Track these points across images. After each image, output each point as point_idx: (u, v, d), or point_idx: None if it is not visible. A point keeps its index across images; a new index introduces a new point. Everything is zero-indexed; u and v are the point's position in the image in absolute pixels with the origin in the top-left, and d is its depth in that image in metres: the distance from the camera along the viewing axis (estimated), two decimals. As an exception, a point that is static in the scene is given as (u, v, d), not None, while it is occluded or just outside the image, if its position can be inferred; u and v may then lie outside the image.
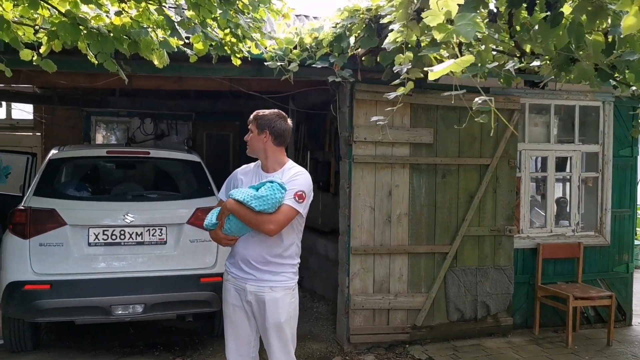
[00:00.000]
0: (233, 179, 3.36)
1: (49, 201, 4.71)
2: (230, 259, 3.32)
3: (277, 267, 3.17)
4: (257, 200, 2.99)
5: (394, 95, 3.54)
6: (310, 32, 4.62)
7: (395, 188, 5.36)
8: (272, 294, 3.13)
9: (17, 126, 9.45)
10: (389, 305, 5.34)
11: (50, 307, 4.52)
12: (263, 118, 3.20)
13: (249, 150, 3.27)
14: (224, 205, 3.10)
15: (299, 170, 3.24)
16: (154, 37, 3.69)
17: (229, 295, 3.29)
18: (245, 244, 3.17)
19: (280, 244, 3.16)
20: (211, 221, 3.20)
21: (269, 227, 3.01)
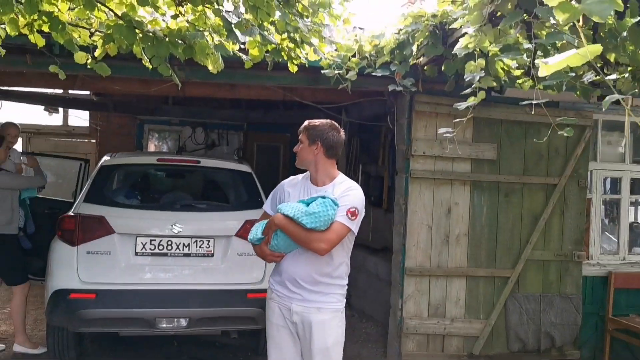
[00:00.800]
0: (279, 192, 3.17)
1: (99, 208, 4.62)
2: (275, 276, 3.11)
3: (326, 287, 2.97)
4: (308, 216, 2.79)
5: (464, 106, 3.27)
6: (371, 39, 4.40)
7: (454, 206, 5.05)
8: (320, 316, 2.94)
9: (73, 133, 9.59)
10: (444, 330, 5.01)
11: (94, 317, 4.40)
12: (315, 128, 3.00)
13: (299, 161, 3.07)
14: (272, 220, 2.92)
15: (351, 184, 3.04)
16: (210, 40, 3.54)
17: (273, 314, 3.08)
18: (293, 262, 2.98)
19: (330, 262, 2.97)
20: (256, 235, 3.01)
21: (319, 245, 2.82)
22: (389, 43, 4.20)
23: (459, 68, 4.09)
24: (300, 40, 3.61)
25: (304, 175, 3.17)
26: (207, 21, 3.68)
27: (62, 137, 9.58)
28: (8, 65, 4.34)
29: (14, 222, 5.14)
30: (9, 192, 5.11)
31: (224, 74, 4.08)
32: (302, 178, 3.16)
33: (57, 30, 3.44)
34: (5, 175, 5.09)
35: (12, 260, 5.15)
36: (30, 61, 4.20)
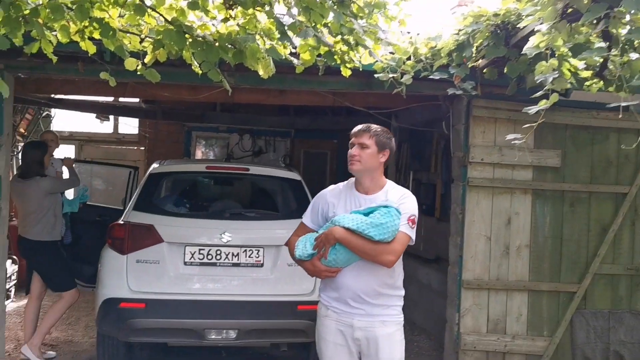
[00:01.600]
0: (321, 203, 2.99)
1: (148, 216, 4.57)
2: (329, 292, 2.92)
3: (388, 299, 2.86)
4: (375, 228, 2.65)
5: (535, 110, 3.04)
6: (427, 41, 4.19)
7: (515, 216, 4.77)
8: (385, 329, 2.81)
9: (123, 140, 9.71)
10: (504, 348, 4.73)
11: (144, 327, 4.35)
12: (383, 135, 2.87)
13: (358, 167, 2.84)
14: (329, 234, 2.74)
15: (404, 191, 2.91)
16: (261, 44, 3.42)
17: (328, 332, 2.91)
18: (353, 276, 2.81)
19: (392, 274, 2.85)
20: (306, 251, 2.84)
21: (387, 258, 2.70)
22: (447, 45, 3.98)
23: (522, 70, 3.84)
24: (355, 42, 3.44)
25: (346, 184, 3.00)
26: (257, 25, 3.57)
27: (112, 144, 9.71)
28: (60, 72, 4.34)
29: (57, 228, 5.16)
30: (52, 200, 5.12)
31: (273, 79, 3.96)
32: (343, 187, 2.99)
33: (108, 36, 3.38)
34: (49, 180, 5.12)
35: (56, 266, 5.16)
36: (82, 68, 4.17)
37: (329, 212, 2.91)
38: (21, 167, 5.20)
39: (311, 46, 3.76)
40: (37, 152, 5.13)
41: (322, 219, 2.96)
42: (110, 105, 8.32)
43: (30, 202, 4.98)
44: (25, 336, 5.21)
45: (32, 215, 4.98)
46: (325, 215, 2.94)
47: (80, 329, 6.27)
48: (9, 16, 3.20)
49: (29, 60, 4.15)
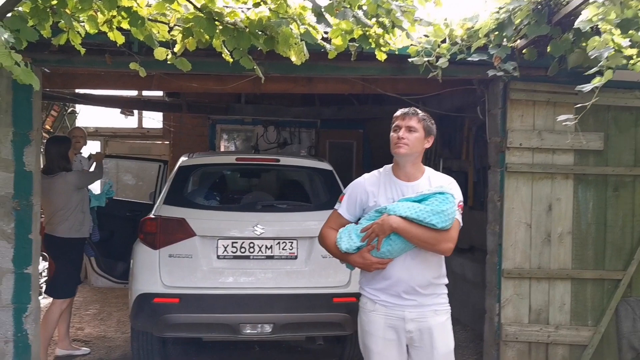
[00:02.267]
0: (359, 193, 2.86)
1: (179, 210, 4.49)
2: (375, 285, 2.81)
3: (436, 287, 2.81)
4: (436, 215, 2.56)
5: (589, 88, 2.88)
6: (463, 22, 4.03)
7: (556, 202, 4.60)
8: (437, 318, 2.75)
9: (148, 135, 9.69)
10: (548, 338, 4.57)
11: (178, 322, 4.29)
12: (430, 120, 2.82)
13: (406, 150, 2.73)
14: (386, 223, 2.63)
15: (446, 177, 2.87)
16: (295, 28, 3.29)
17: (377, 327, 2.80)
18: (406, 267, 2.71)
19: (441, 262, 2.80)
20: (354, 244, 2.72)
21: (448, 246, 2.65)
22: (486, 24, 3.81)
23: (566, 49, 3.67)
24: (391, 24, 3.30)
25: (383, 172, 2.89)
26: (288, 10, 3.45)
27: (137, 139, 9.70)
28: (87, 65, 4.27)
29: (85, 225, 5.11)
30: (80, 196, 5.08)
31: (304, 67, 3.84)
32: (380, 175, 2.88)
33: (136, 25, 3.30)
34: (75, 174, 5.09)
35: (69, 270, 5.04)
36: (110, 61, 4.09)
37: (369, 202, 2.80)
38: (45, 163, 5.12)
39: (344, 30, 3.64)
40: (61, 146, 5.07)
41: (359, 209, 2.85)
42: (135, 100, 8.29)
43: (57, 199, 4.93)
44: (59, 337, 5.18)
45: (60, 212, 4.92)
46: (363, 205, 2.83)
47: (112, 324, 6.26)
48: (36, 7, 3.14)
49: (56, 53, 4.09)
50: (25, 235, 4.08)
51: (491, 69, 3.91)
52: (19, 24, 3.07)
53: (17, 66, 2.74)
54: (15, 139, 4.06)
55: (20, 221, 4.06)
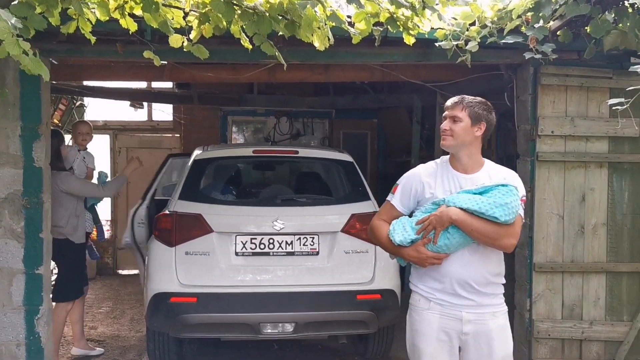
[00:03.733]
0: (414, 183, 2.70)
1: (195, 205, 4.31)
2: (429, 282, 2.65)
3: (495, 287, 2.64)
4: (499, 208, 2.41)
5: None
6: (493, 2, 3.79)
7: (589, 192, 4.38)
8: (496, 321, 2.58)
9: (158, 128, 9.49)
10: (582, 335, 4.37)
11: (196, 322, 4.12)
12: (479, 106, 2.61)
13: (451, 142, 2.60)
14: (445, 215, 2.48)
15: (507, 170, 2.69)
16: (320, 11, 3.08)
17: (429, 327, 2.63)
18: (464, 263, 2.55)
19: (501, 260, 2.67)
20: (409, 236, 2.57)
21: (510, 241, 2.50)
22: (521, 4, 3.58)
23: (607, 29, 3.44)
24: (422, 4, 3.08)
25: (440, 163, 2.72)
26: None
27: (147, 132, 9.50)
28: (98, 55, 4.08)
29: (79, 229, 4.69)
30: (72, 199, 4.63)
31: (325, 53, 3.64)
32: (437, 166, 2.71)
33: (150, 11, 3.10)
34: (66, 177, 4.60)
35: (70, 272, 4.74)
36: (121, 50, 3.90)
37: (425, 193, 2.64)
38: None
39: (369, 14, 3.43)
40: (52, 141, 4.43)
41: (414, 201, 2.70)
42: (145, 92, 8.11)
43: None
44: (74, 337, 5.02)
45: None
46: (418, 196, 2.68)
47: (126, 323, 6.11)
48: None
49: (64, 43, 3.91)
50: (35, 234, 3.91)
51: (527, 52, 3.68)
52: (26, 11, 2.89)
53: (26, 55, 2.58)
54: (23, 133, 3.89)
55: (30, 219, 3.90)
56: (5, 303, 3.91)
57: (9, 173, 3.88)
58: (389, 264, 4.40)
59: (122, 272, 9.00)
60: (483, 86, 5.57)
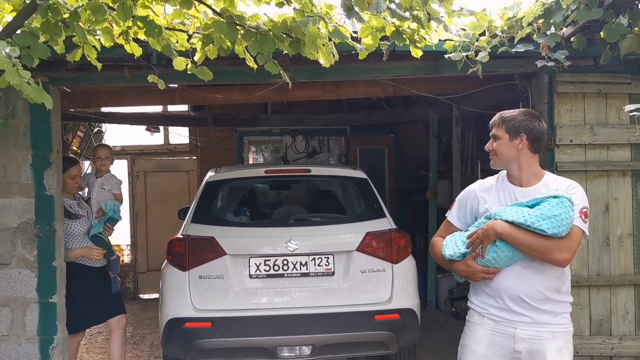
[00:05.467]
0: (469, 199, 2.69)
1: (208, 228, 4.27)
2: (483, 298, 2.59)
3: (557, 305, 2.52)
4: (547, 220, 2.32)
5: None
6: (502, 11, 3.72)
7: (613, 202, 4.23)
8: (554, 343, 2.47)
9: (175, 151, 9.54)
10: (611, 351, 4.19)
11: (212, 347, 4.05)
12: (515, 119, 2.56)
13: (496, 161, 2.62)
14: (490, 229, 2.43)
15: (571, 181, 2.60)
16: (322, 27, 3.04)
17: (478, 343, 2.57)
18: (515, 277, 2.48)
19: (561, 275, 2.54)
20: (458, 250, 2.53)
21: (562, 255, 2.39)
22: (531, 11, 3.49)
23: (622, 34, 3.33)
24: (427, 17, 3.01)
25: (498, 177, 2.69)
26: (314, 9, 3.19)
27: (164, 155, 9.56)
28: (106, 81, 4.09)
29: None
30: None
31: (332, 70, 3.62)
32: (495, 181, 2.69)
33: (153, 35, 3.09)
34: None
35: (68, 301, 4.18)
36: (129, 75, 3.90)
37: (480, 208, 2.61)
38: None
39: (374, 28, 3.38)
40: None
41: (471, 216, 2.67)
42: (160, 116, 8.15)
43: None
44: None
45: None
46: (474, 212, 2.65)
47: (145, 349, 6.06)
48: (47, 21, 2.95)
49: (73, 71, 3.93)
50: (49, 262, 3.91)
51: (539, 60, 3.58)
52: (30, 40, 2.90)
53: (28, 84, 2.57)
54: (34, 162, 3.90)
55: (43, 248, 3.89)
56: (20, 333, 3.89)
57: (20, 202, 3.89)
58: (407, 282, 4.30)
59: (143, 297, 8.98)
60: (498, 97, 5.48)
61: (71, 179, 4.26)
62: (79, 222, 4.28)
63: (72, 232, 4.23)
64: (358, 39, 3.54)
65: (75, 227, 4.25)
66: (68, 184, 4.24)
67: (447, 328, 6.26)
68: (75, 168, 4.32)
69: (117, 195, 4.56)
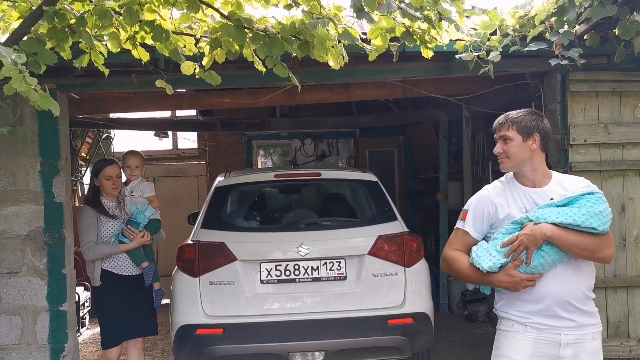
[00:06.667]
0: (485, 206, 2.56)
1: (218, 234, 4.22)
2: (522, 307, 2.47)
3: (591, 304, 2.48)
4: (595, 218, 2.29)
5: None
6: (514, 10, 3.66)
7: (629, 202, 4.16)
8: (594, 344, 2.46)
9: (183, 156, 9.54)
10: (630, 353, 4.12)
11: (224, 354, 4.00)
12: (525, 120, 2.48)
13: (509, 164, 2.50)
14: (537, 233, 2.32)
15: (582, 178, 2.59)
16: (332, 29, 2.99)
17: (519, 353, 2.45)
18: (559, 280, 2.40)
19: (592, 273, 2.51)
20: (498, 261, 2.38)
21: (609, 251, 2.39)
22: (544, 9, 3.43)
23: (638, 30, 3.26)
24: (438, 16, 2.96)
25: (505, 181, 2.59)
26: (322, 11, 3.16)
27: (172, 160, 9.56)
28: (114, 87, 4.07)
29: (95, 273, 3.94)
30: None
31: (341, 72, 3.59)
32: (503, 184, 2.58)
33: (161, 39, 3.06)
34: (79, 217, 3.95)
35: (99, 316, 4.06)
36: (137, 80, 3.88)
37: (499, 214, 2.50)
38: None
39: (384, 29, 3.33)
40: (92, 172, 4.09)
41: (487, 224, 2.55)
42: (168, 121, 8.14)
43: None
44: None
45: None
46: (491, 219, 2.53)
47: (157, 355, 6.03)
48: (54, 27, 2.93)
49: (81, 77, 3.92)
50: (58, 270, 3.89)
51: (553, 58, 3.52)
52: (36, 46, 2.88)
53: (35, 91, 2.55)
54: (43, 169, 3.89)
55: (52, 256, 3.88)
56: (30, 342, 3.88)
57: (29, 210, 3.87)
58: (420, 286, 4.24)
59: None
60: (509, 97, 5.41)
61: (107, 180, 3.97)
62: (114, 223, 3.99)
63: (104, 232, 3.93)
64: (367, 40, 3.50)
65: (108, 227, 3.95)
66: (104, 186, 3.99)
67: (460, 331, 6.18)
68: (110, 168, 4.00)
69: (150, 198, 4.20)
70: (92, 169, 4.13)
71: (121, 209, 4.11)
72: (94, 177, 4.01)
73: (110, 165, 4.03)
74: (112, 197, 4.05)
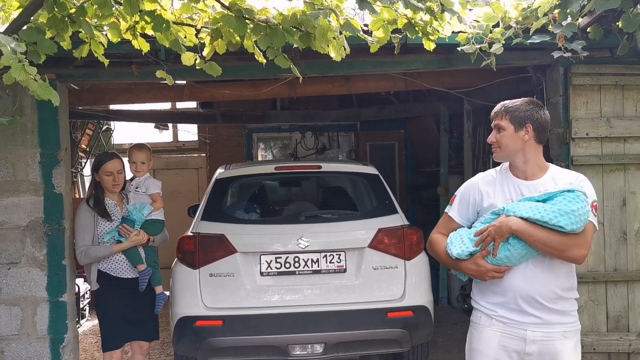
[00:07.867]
0: (472, 193, 2.56)
1: (218, 226, 4.22)
2: (490, 298, 2.49)
3: (567, 304, 2.44)
4: (565, 216, 2.23)
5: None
6: (517, 1, 3.63)
7: (630, 196, 4.14)
8: (566, 343, 2.39)
9: (184, 148, 9.54)
10: (629, 347, 4.11)
11: (223, 345, 4.01)
12: (519, 109, 2.44)
13: (500, 153, 2.48)
14: (504, 225, 2.33)
15: (578, 173, 2.49)
16: (333, 20, 2.97)
17: (488, 346, 2.47)
18: (527, 276, 2.38)
19: (571, 272, 2.46)
20: (466, 248, 2.42)
21: (579, 252, 2.31)
22: (547, 1, 3.41)
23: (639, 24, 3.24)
24: (440, 8, 2.94)
25: (500, 170, 2.57)
26: (324, 2, 3.13)
27: (173, 153, 9.55)
28: (114, 78, 4.05)
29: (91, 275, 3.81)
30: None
31: (343, 64, 3.57)
32: (497, 173, 2.56)
33: (161, 30, 3.04)
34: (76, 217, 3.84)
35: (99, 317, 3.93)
36: (137, 71, 3.86)
37: (483, 203, 2.50)
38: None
39: (386, 21, 3.31)
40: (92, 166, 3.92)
41: (473, 211, 2.55)
42: (168, 113, 8.13)
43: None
44: None
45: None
46: (477, 207, 2.54)
47: (156, 346, 6.02)
48: (54, 17, 2.91)
49: (81, 68, 3.90)
50: (58, 261, 3.88)
51: (555, 51, 3.50)
52: (36, 36, 2.86)
53: (34, 81, 2.53)
54: (43, 160, 3.88)
55: (52, 247, 3.87)
56: (30, 332, 3.87)
57: (29, 201, 3.86)
58: (420, 279, 4.24)
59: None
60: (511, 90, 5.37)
61: (107, 176, 3.77)
62: (112, 223, 3.81)
63: (100, 232, 3.78)
64: (369, 32, 3.48)
65: (105, 227, 3.79)
66: (104, 182, 3.79)
67: (459, 324, 6.18)
68: (110, 163, 3.78)
69: (153, 196, 3.98)
70: (92, 163, 3.97)
71: (122, 206, 3.94)
72: (94, 171, 3.86)
73: (111, 161, 3.81)
74: (115, 195, 3.89)
